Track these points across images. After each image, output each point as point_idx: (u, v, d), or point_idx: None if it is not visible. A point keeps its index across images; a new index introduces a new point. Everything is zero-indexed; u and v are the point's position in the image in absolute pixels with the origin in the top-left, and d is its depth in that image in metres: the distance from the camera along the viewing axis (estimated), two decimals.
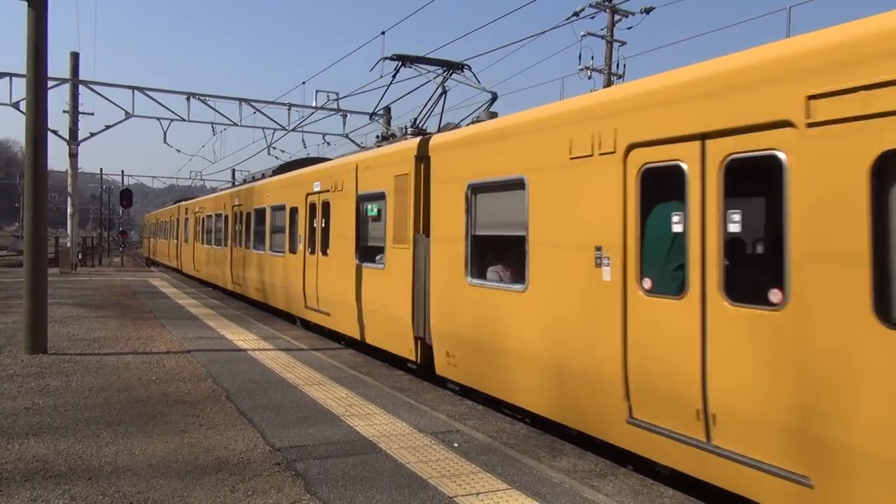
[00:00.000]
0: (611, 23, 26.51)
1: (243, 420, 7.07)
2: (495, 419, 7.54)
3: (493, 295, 7.91)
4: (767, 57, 4.87)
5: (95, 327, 13.74)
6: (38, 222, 10.63)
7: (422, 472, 5.60)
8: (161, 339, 12.48)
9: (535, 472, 5.71)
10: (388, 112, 35.07)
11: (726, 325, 5.03)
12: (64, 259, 32.79)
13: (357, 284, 11.69)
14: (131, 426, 6.75)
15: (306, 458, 5.89)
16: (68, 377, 8.98)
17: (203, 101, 31.23)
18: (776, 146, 4.72)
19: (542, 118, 7.22)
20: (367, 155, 11.85)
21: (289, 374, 9.51)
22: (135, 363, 10.02)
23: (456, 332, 8.68)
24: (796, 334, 4.54)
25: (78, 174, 32.41)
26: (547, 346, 6.93)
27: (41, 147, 10.54)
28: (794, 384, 4.55)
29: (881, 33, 4.17)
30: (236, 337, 12.99)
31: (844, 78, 4.29)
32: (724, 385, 5.04)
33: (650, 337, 5.68)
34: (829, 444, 4.33)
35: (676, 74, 5.70)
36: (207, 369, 9.68)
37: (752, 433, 4.83)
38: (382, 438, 6.53)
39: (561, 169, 6.79)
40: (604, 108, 6.34)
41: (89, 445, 6.12)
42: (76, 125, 31.19)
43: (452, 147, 8.97)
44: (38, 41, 10.45)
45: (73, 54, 31.27)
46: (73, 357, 10.41)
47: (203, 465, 5.64)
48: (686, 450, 5.35)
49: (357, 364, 10.62)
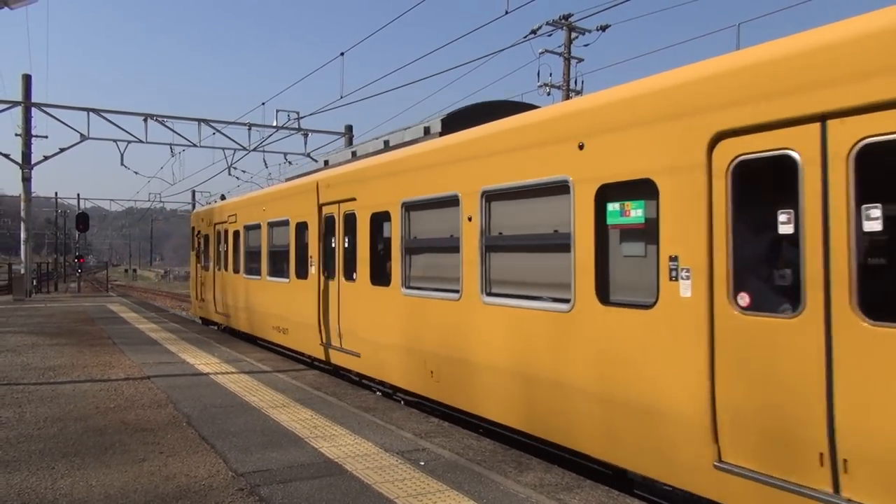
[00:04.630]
0: (568, 40, 26.96)
1: (205, 446, 6.93)
2: (461, 436, 7.52)
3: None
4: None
5: (50, 355, 13.35)
6: None
7: (388, 493, 5.55)
8: (120, 365, 12.18)
9: (501, 488, 5.70)
10: (349, 130, 35.08)
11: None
12: (17, 286, 31.88)
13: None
14: (88, 456, 6.56)
15: (270, 483, 5.79)
16: (21, 408, 8.70)
17: (161, 122, 30.79)
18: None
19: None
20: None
21: (252, 398, 9.35)
22: (92, 391, 9.75)
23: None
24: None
25: (32, 198, 31.58)
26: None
27: None
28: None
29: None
30: (198, 361, 12.75)
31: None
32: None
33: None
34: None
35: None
36: (168, 395, 9.47)
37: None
38: (348, 459, 6.46)
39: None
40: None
41: (43, 478, 5.92)
42: (29, 148, 30.42)
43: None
44: None
45: (24, 76, 30.60)
46: (27, 387, 10.09)
47: (163, 494, 5.51)
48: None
49: (321, 384, 10.51)
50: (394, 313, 9.50)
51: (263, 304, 15.24)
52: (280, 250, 14.31)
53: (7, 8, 10.57)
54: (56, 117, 29.56)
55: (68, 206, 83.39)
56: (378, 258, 10.23)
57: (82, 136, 29.76)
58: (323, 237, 11.90)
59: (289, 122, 31.53)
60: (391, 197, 9.65)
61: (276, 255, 14.56)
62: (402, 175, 9.47)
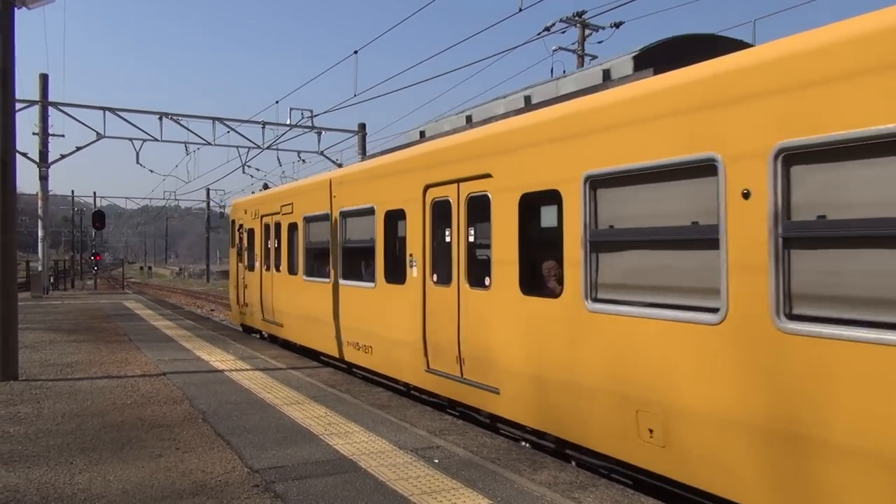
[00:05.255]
0: (581, 37, 26.86)
1: (221, 442, 6.98)
2: (475, 434, 7.52)
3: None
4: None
5: (68, 352, 13.49)
6: (8, 247, 10.45)
7: (403, 490, 5.56)
8: (136, 361, 12.29)
9: (516, 486, 5.70)
10: (362, 128, 35.16)
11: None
12: (35, 283, 32.25)
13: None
14: (105, 452, 6.62)
15: (285, 479, 5.82)
16: (40, 404, 8.80)
17: (176, 120, 31.01)
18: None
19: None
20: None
21: (267, 395, 9.40)
22: (109, 387, 9.85)
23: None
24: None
25: (49, 197, 31.91)
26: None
27: (9, 170, 10.39)
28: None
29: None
30: (213, 358, 12.83)
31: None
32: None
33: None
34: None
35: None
36: (184, 391, 9.54)
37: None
38: (362, 456, 6.48)
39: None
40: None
41: (62, 473, 5.99)
42: (46, 147, 30.74)
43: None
44: (4, 63, 10.33)
45: (41, 76, 30.91)
46: (45, 383, 10.21)
47: (180, 490, 5.55)
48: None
49: (336, 382, 10.55)
50: (571, 338, 6.58)
51: (333, 314, 12.27)
52: (360, 247, 11.47)
53: (25, 8, 10.67)
54: (73, 116, 29.86)
55: (85, 203, 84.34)
56: (533, 257, 7.49)
57: (98, 135, 30.03)
58: (431, 229, 9.09)
59: (302, 120, 31.69)
60: (564, 169, 6.69)
61: (354, 253, 11.81)
62: (587, 138, 6.44)
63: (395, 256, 10.27)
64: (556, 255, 6.92)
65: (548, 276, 7.41)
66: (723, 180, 5.14)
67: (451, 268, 8.58)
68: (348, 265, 11.94)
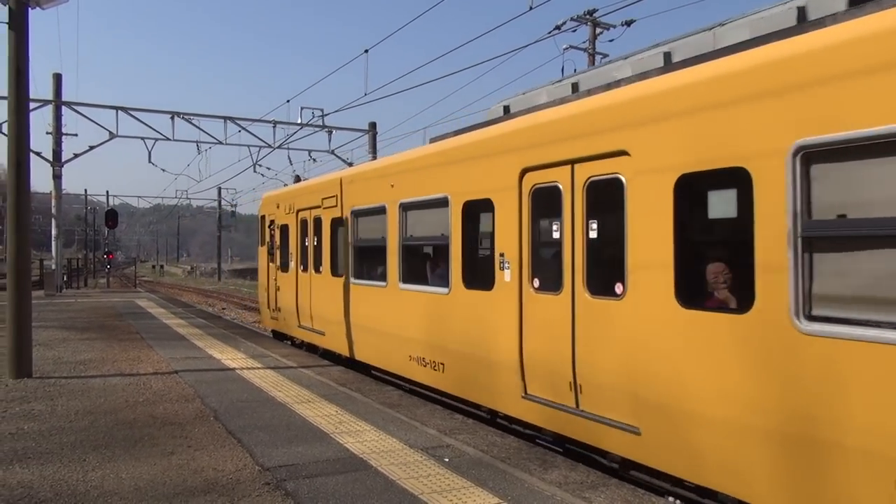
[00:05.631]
0: (592, 36, 26.78)
1: (232, 440, 7.01)
2: (486, 433, 7.52)
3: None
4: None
5: (81, 350, 13.59)
6: (22, 245, 10.54)
7: (413, 489, 5.56)
8: (148, 360, 12.37)
9: (526, 485, 5.69)
10: (373, 128, 35.22)
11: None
12: (49, 281, 32.51)
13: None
14: (118, 449, 6.67)
15: (296, 477, 5.84)
16: (53, 401, 8.87)
17: (188, 120, 31.17)
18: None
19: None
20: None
21: (278, 393, 9.44)
22: (121, 385, 9.92)
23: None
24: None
25: (62, 195, 32.18)
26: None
27: (24, 170, 10.48)
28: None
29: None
30: (224, 356, 12.90)
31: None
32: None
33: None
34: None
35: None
36: (195, 389, 9.59)
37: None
38: (373, 455, 6.49)
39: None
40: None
41: (75, 470, 6.03)
42: (59, 146, 31.00)
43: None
44: (19, 63, 10.42)
45: (55, 75, 31.17)
46: (59, 380, 10.29)
47: (192, 487, 5.58)
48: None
49: (346, 381, 10.57)
50: (769, 367, 4.86)
51: (392, 323, 10.40)
52: (427, 245, 10.12)
53: (39, 8, 10.75)
54: (86, 115, 30.08)
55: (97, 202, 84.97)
56: (691, 258, 5.78)
57: (111, 134, 30.23)
58: (531, 223, 7.42)
59: (313, 119, 31.78)
60: (759, 138, 4.96)
61: (418, 252, 10.37)
62: (804, 93, 4.69)
63: (477, 257, 8.77)
64: (729, 254, 5.54)
65: (715, 283, 5.68)
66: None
67: (560, 271, 6.84)
68: (410, 266, 10.15)
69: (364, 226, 11.86)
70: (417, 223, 10.07)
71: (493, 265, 7.91)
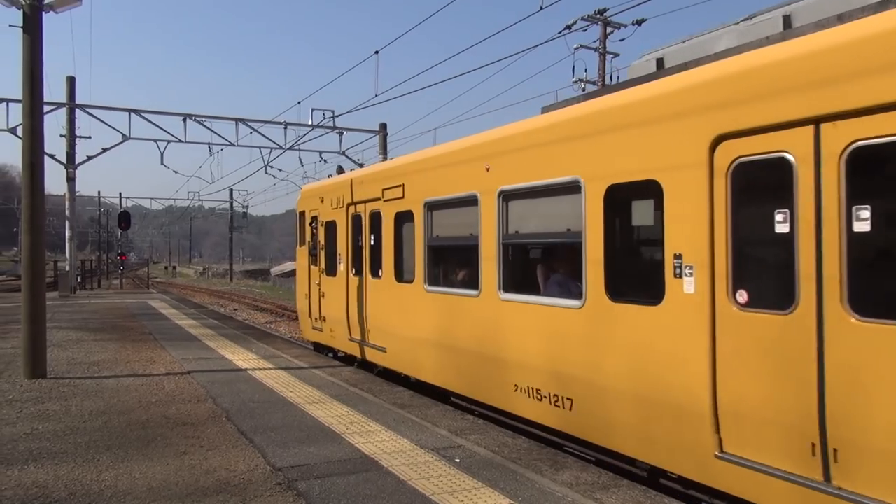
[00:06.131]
0: (603, 35, 26.73)
1: (244, 440, 7.04)
2: (497, 433, 7.51)
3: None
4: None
5: (94, 350, 13.70)
6: (36, 246, 10.64)
7: (424, 489, 5.57)
8: (160, 360, 12.44)
9: (537, 486, 5.68)
10: (383, 128, 35.28)
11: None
12: (63, 283, 32.78)
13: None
14: (131, 449, 6.72)
15: (308, 478, 5.86)
16: (67, 401, 8.95)
17: (199, 121, 31.36)
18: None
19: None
20: None
21: (289, 393, 9.47)
22: (134, 386, 9.98)
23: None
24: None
25: (76, 197, 32.46)
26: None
27: (38, 172, 10.57)
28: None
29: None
30: (236, 357, 12.96)
31: None
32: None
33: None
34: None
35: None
36: (207, 390, 9.64)
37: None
38: (384, 455, 6.50)
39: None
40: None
41: (89, 470, 6.08)
42: (73, 149, 31.27)
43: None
44: (33, 66, 10.51)
45: (69, 79, 31.46)
46: (73, 381, 10.38)
47: (204, 487, 5.61)
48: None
49: (358, 381, 10.59)
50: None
51: (487, 341, 8.28)
52: (540, 243, 8.22)
53: (52, 12, 10.85)
54: (99, 118, 30.33)
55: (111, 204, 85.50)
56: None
57: (124, 137, 30.45)
58: (729, 212, 5.34)
59: (324, 120, 31.87)
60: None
61: (526, 252, 8.54)
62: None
63: (628, 259, 6.92)
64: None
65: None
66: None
67: (791, 280, 4.86)
68: (514, 271, 8.15)
69: (443, 221, 9.69)
70: (526, 216, 7.95)
71: (662, 271, 5.78)
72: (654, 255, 6.06)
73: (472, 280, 8.71)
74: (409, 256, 10.49)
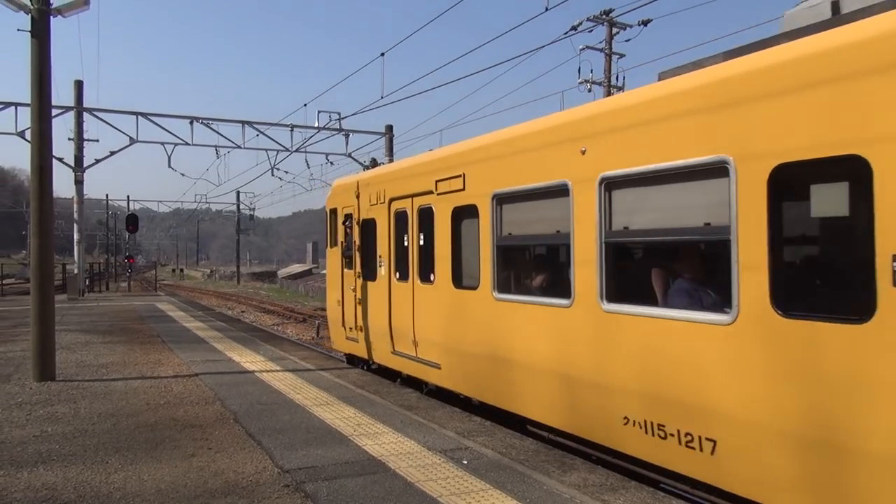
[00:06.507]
0: (609, 36, 26.69)
1: (252, 442, 7.06)
2: (504, 435, 7.50)
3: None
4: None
5: (103, 353, 13.76)
6: (45, 250, 10.70)
7: (431, 491, 5.57)
8: (168, 362, 12.49)
9: (545, 488, 5.67)
10: (389, 130, 35.33)
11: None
12: (71, 285, 32.95)
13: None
14: (140, 451, 6.74)
15: (315, 480, 5.87)
16: (76, 404, 8.99)
17: (206, 124, 31.49)
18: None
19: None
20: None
21: (297, 395, 9.49)
22: (143, 388, 10.02)
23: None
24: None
25: (84, 201, 32.60)
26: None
27: (46, 175, 10.63)
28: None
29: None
30: (244, 359, 12.99)
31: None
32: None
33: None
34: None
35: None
36: (215, 392, 9.67)
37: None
38: (391, 457, 6.50)
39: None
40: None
41: (98, 472, 6.11)
42: (81, 152, 31.43)
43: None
44: (41, 71, 10.58)
45: (76, 82, 31.64)
46: (82, 383, 10.42)
47: (212, 489, 5.63)
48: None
49: (365, 383, 10.60)
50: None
51: (585, 362, 6.75)
52: (660, 242, 6.40)
53: (60, 16, 10.92)
54: (106, 121, 30.49)
55: (118, 207, 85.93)
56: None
57: (131, 140, 30.59)
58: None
59: (330, 122, 31.96)
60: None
61: (633, 254, 7.30)
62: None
63: (804, 261, 5.69)
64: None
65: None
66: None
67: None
68: (620, 277, 6.57)
69: (518, 216, 8.14)
70: (639, 208, 6.41)
71: (871, 277, 4.34)
72: (856, 256, 4.66)
73: (558, 286, 7.33)
74: (470, 258, 8.97)
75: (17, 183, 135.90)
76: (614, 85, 26.65)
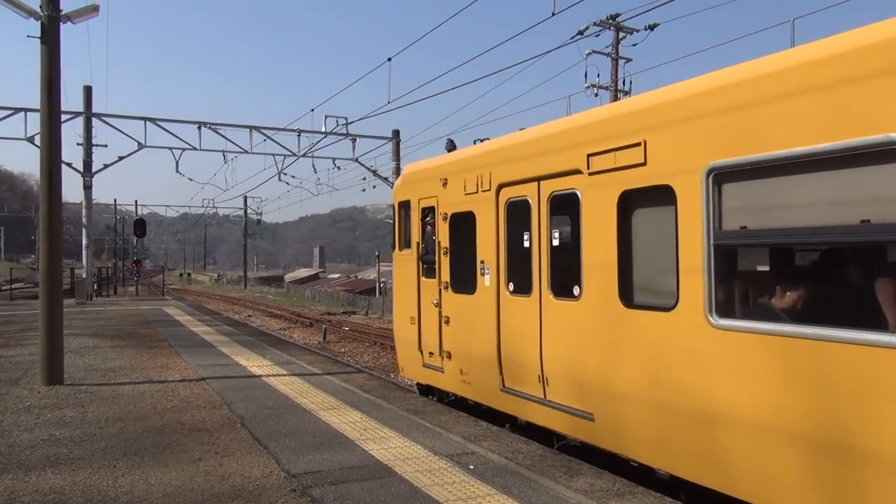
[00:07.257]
0: (615, 40, 26.67)
1: (258, 447, 7.07)
2: (510, 440, 7.49)
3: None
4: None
5: (111, 357, 13.81)
6: (54, 254, 10.75)
7: (437, 496, 5.56)
8: (176, 367, 12.52)
9: (551, 493, 5.66)
10: (396, 135, 35.39)
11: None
12: (79, 290, 33.11)
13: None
14: (147, 455, 6.76)
15: (322, 484, 5.87)
16: (84, 408, 9.02)
17: (214, 129, 31.65)
18: None
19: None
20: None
21: (303, 400, 9.50)
22: (150, 392, 10.05)
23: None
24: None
25: (92, 205, 32.83)
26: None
27: (55, 180, 10.69)
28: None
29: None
30: (250, 363, 13.01)
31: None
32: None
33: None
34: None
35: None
36: (222, 396, 9.69)
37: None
38: (397, 462, 6.50)
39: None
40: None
41: (106, 476, 6.13)
42: (90, 157, 31.63)
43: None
44: (51, 76, 10.65)
45: (85, 88, 31.83)
46: (89, 387, 10.46)
47: (219, 494, 5.63)
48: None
49: (371, 388, 10.60)
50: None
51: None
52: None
53: (70, 22, 10.99)
54: (115, 126, 30.68)
55: (126, 212, 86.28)
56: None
57: (140, 145, 30.78)
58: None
59: (337, 127, 32.05)
60: None
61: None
62: None
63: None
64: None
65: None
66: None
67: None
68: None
69: (761, 200, 5.18)
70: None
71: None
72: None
73: (853, 311, 4.67)
74: (649, 264, 6.38)
75: (27, 188, 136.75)
76: (621, 89, 26.62)
